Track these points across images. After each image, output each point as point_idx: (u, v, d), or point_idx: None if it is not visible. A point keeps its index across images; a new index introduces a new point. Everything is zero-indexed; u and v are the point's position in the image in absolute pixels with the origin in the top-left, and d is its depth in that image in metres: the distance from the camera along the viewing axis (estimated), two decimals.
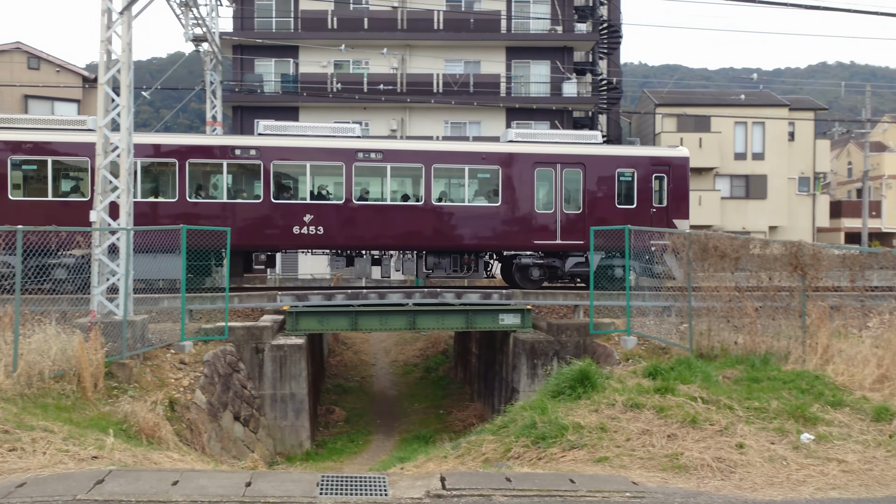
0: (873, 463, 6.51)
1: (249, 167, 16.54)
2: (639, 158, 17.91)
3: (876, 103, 68.55)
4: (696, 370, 9.03)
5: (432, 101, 29.42)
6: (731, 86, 61.28)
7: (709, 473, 6.34)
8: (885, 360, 8.61)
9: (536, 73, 31.52)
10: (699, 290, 11.47)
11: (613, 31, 33.51)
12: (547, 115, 30.90)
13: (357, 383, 20.90)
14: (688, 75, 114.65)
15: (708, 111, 37.60)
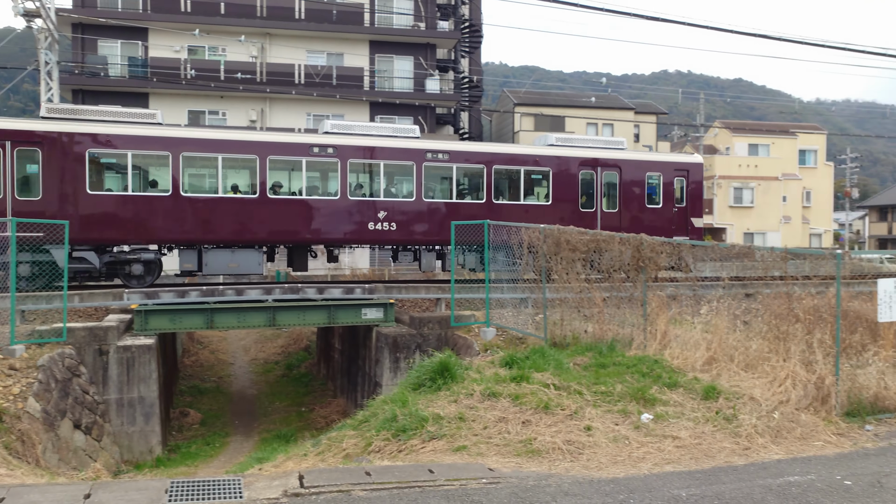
0: (702, 438, 7.13)
1: (327, 164, 16.97)
2: (664, 163, 19.72)
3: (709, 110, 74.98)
4: (549, 358, 9.46)
5: (293, 93, 28.74)
6: (584, 88, 64.71)
7: (559, 456, 6.67)
8: (714, 344, 9.44)
9: (400, 68, 31.63)
10: (553, 283, 12.03)
11: (475, 31, 34.30)
12: (410, 111, 31.11)
13: (214, 384, 20.04)
14: (545, 77, 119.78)
15: (563, 112, 39.49)
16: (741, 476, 6.11)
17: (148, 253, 15.80)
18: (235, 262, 16.22)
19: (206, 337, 24.37)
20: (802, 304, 9.34)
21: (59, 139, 14.85)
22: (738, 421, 7.43)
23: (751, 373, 8.81)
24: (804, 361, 8.43)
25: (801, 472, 6.19)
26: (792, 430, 7.34)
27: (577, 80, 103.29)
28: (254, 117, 29.01)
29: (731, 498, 5.55)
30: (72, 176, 14.87)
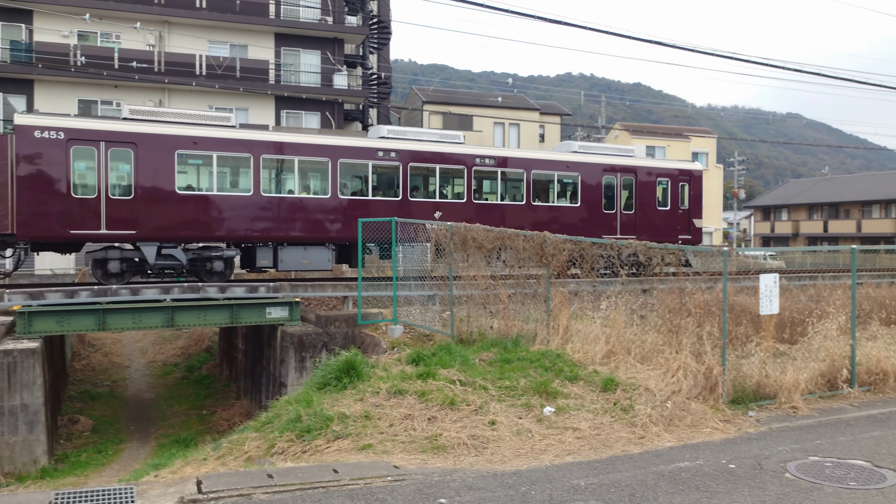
0: (601, 428, 7.39)
1: (390, 168, 18.03)
2: (671, 170, 21.95)
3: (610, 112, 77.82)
4: (455, 355, 9.55)
5: (194, 84, 27.65)
6: (491, 88, 65.71)
7: (465, 451, 6.74)
8: (612, 338, 9.81)
9: (307, 62, 31.05)
10: (460, 280, 12.15)
11: (383, 27, 34.14)
12: (317, 106, 30.61)
13: (107, 388, 19.03)
14: (453, 76, 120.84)
15: (471, 111, 39.93)
16: (636, 464, 6.37)
17: (229, 250, 16.41)
18: (308, 258, 17.10)
19: (99, 339, 23.10)
20: (693, 298, 9.83)
21: (151, 140, 15.41)
22: (634, 411, 7.73)
23: (646, 365, 9.20)
24: (695, 353, 8.89)
25: (690, 458, 6.52)
26: (683, 419, 7.71)
27: (484, 80, 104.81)
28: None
29: (627, 485, 5.78)
30: (164, 177, 15.48)
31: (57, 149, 14.59)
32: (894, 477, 6.02)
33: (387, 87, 35.29)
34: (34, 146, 14.42)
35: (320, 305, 17.65)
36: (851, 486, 5.76)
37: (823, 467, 6.26)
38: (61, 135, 14.66)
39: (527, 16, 16.77)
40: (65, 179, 14.65)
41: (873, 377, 9.64)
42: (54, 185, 14.54)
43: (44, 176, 14.50)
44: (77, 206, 14.71)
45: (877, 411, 8.51)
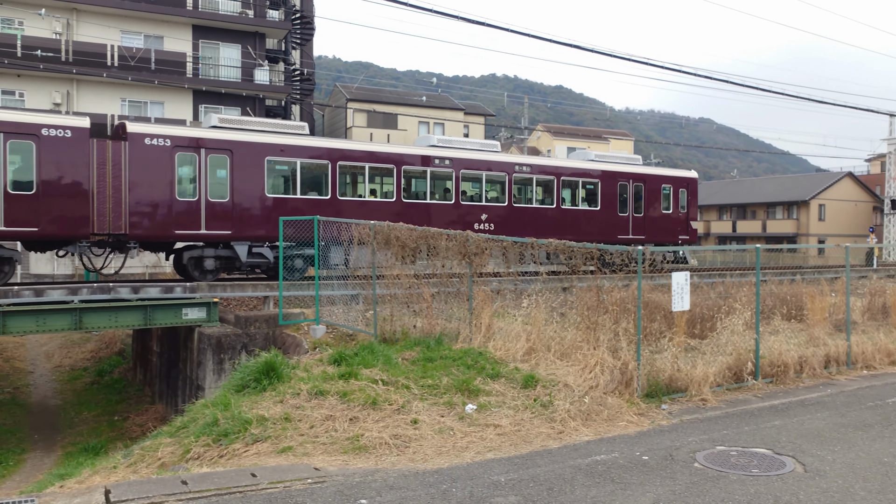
0: (521, 424, 7.51)
1: (444, 174, 19.87)
2: (673, 178, 24.64)
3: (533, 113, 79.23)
4: (378, 354, 9.50)
5: (105, 76, 26.45)
6: (416, 87, 65.72)
7: (387, 451, 6.71)
8: (533, 335, 9.98)
9: (227, 56, 30.23)
10: (383, 279, 12.10)
11: (306, 23, 33.61)
12: (238, 101, 29.86)
13: (9, 395, 17.97)
14: (379, 74, 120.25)
15: (396, 109, 39.84)
16: (555, 458, 6.51)
17: (309, 248, 16.60)
18: None
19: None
20: (611, 296, 10.13)
21: (245, 147, 16.68)
22: (553, 407, 7.90)
23: (566, 361, 9.40)
24: (611, 349, 9.15)
25: (606, 451, 6.71)
26: (600, 413, 7.93)
27: (410, 79, 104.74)
28: (58, 100, 26.35)
29: (546, 479, 5.90)
30: (255, 181, 16.72)
31: (164, 155, 15.76)
32: (793, 463, 6.38)
33: (310, 84, 34.77)
34: (144, 152, 15.52)
35: (240, 306, 17.23)
36: (754, 474, 6.07)
37: (729, 456, 6.57)
38: (168, 142, 15.84)
39: (450, 16, 16.88)
40: (170, 183, 15.81)
41: (775, 369, 10.19)
42: (161, 188, 15.70)
43: (152, 180, 15.61)
44: (181, 207, 15.92)
45: (778, 401, 9.00)
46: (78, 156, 14.76)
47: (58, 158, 14.61)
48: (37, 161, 14.42)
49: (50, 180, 14.52)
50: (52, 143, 14.56)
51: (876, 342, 11.97)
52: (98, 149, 15.12)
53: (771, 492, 5.64)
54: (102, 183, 15.10)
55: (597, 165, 22.91)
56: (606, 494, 5.56)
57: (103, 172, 15.14)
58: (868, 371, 11.23)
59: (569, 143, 46.06)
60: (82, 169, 14.81)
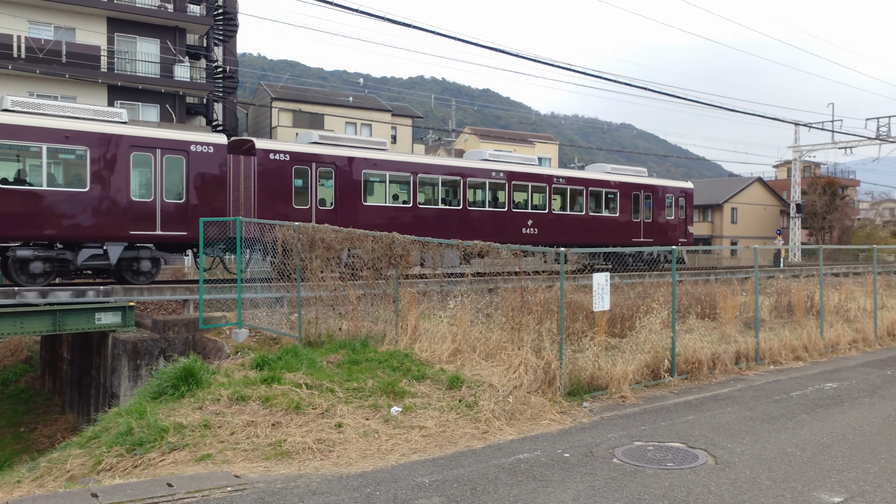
0: (447, 425, 7.55)
1: (498, 185, 22.38)
2: (675, 188, 28.27)
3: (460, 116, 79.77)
4: (302, 358, 9.35)
5: (10, 68, 25.04)
6: (344, 88, 65.08)
7: (310, 456, 6.61)
8: (458, 337, 10.05)
9: (144, 50, 29.12)
10: (308, 281, 11.91)
11: (229, 19, 32.76)
12: (156, 98, 28.82)
13: None
14: (305, 73, 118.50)
15: (322, 109, 39.35)
16: (479, 458, 6.56)
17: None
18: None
19: None
20: (535, 297, 10.30)
21: (346, 162, 19.02)
22: (478, 407, 7.97)
23: (491, 361, 9.51)
24: (535, 349, 9.31)
25: (529, 450, 6.82)
26: (524, 412, 8.06)
27: (337, 79, 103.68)
28: None
29: (469, 479, 5.94)
30: (354, 191, 19.09)
31: (284, 168, 17.89)
32: (705, 456, 6.66)
33: (233, 82, 33.90)
34: (268, 165, 17.65)
35: (159, 310, 16.62)
36: (669, 467, 6.30)
37: (646, 451, 6.79)
38: (287, 157, 17.99)
39: (377, 17, 16.79)
40: (289, 192, 17.98)
41: (690, 366, 10.61)
42: (282, 196, 17.85)
43: (275, 189, 17.73)
44: (296, 214, 17.69)
45: (692, 397, 9.37)
46: (218, 169, 16.79)
47: (203, 171, 16.53)
48: (186, 173, 16.28)
49: (197, 190, 16.35)
50: (198, 158, 16.47)
51: (782, 339, 12.63)
52: (233, 162, 17.21)
53: (684, 484, 5.86)
54: (237, 192, 17.27)
55: (616, 177, 26.13)
56: (529, 492, 5.65)
57: (237, 183, 17.31)
58: (775, 366, 11.83)
59: (495, 145, 46.58)
60: (222, 180, 16.84)
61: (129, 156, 15.45)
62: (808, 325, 13.60)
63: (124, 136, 15.50)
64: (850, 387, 10.11)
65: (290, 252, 11.95)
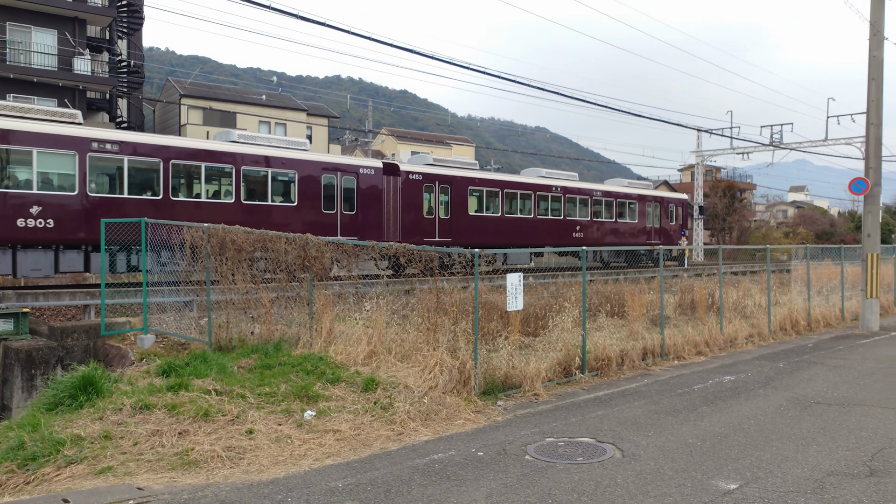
0: (361, 428, 7.49)
1: (556, 198, 28.31)
2: (674, 199, 35.42)
3: (378, 117, 79.43)
4: (212, 363, 9.06)
5: None
6: (258, 86, 63.52)
7: (219, 464, 6.41)
8: (374, 338, 9.99)
9: (40, 41, 27.52)
10: (219, 284, 11.56)
11: (134, 11, 31.40)
12: (54, 92, 27.28)
13: None
14: (217, 70, 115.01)
15: (234, 108, 38.27)
16: (394, 460, 6.55)
17: None
18: (517, 257, 26.49)
19: None
20: (451, 297, 10.37)
21: (459, 181, 24.53)
22: (393, 409, 7.95)
23: (406, 363, 9.50)
24: (450, 349, 9.37)
25: (444, 450, 6.86)
26: (439, 412, 8.10)
27: (250, 77, 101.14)
28: None
29: (384, 482, 5.92)
30: (463, 203, 24.65)
31: (418, 186, 23.26)
32: (612, 450, 6.89)
33: (139, 77, 32.50)
34: (407, 185, 22.91)
35: (56, 316, 15.73)
36: (579, 462, 6.48)
37: (557, 447, 6.96)
38: (420, 177, 23.33)
39: (290, 14, 16.48)
40: (421, 206, 23.33)
41: (600, 363, 10.94)
42: (417, 210, 23.17)
43: (412, 204, 23.04)
44: (426, 223, 23.42)
45: (602, 393, 9.67)
46: (377, 187, 21.99)
47: (367, 189, 21.69)
48: (357, 191, 21.42)
49: (363, 204, 21.59)
50: (365, 178, 21.76)
51: (685, 335, 13.21)
52: (386, 182, 22.32)
53: (593, 478, 6.04)
54: (388, 206, 22.32)
55: (634, 191, 32.97)
56: (442, 492, 5.68)
57: (388, 199, 22.35)
58: (679, 361, 12.37)
59: (413, 146, 46.64)
60: (378, 196, 21.99)
61: (321, 177, 20.77)
62: (709, 322, 14.29)
63: (320, 162, 21.04)
64: (747, 379, 10.70)
65: (200, 254, 11.56)
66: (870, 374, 11.17)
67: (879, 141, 17.29)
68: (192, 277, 12.19)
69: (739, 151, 46.18)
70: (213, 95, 38.52)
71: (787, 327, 16.18)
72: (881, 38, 17.01)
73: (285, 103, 41.66)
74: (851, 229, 68.20)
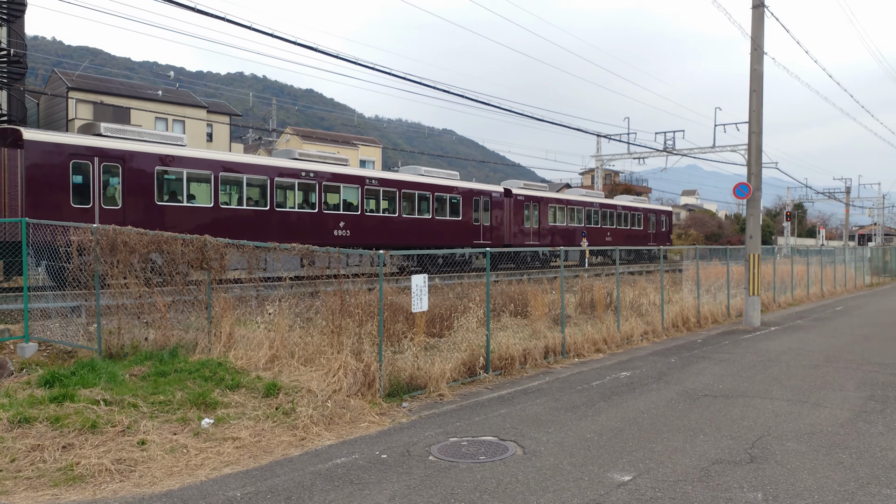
0: (262, 435, 7.29)
1: (578, 210, 37.32)
2: (664, 211, 45.43)
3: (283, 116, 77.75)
4: (101, 372, 8.59)
5: None
6: (154, 80, 60.75)
7: (108, 478, 6.08)
8: (276, 342, 9.76)
9: None
10: (110, 288, 10.97)
11: None
12: None
13: None
14: (110, 62, 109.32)
15: (128, 103, 36.47)
16: (296, 466, 6.41)
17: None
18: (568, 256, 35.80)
19: None
20: (356, 299, 10.28)
21: (538, 200, 33.52)
22: (296, 414, 7.79)
23: (310, 366, 9.34)
24: (355, 352, 9.29)
25: (347, 454, 6.78)
26: (343, 416, 8.00)
27: (146, 71, 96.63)
28: None
29: (284, 489, 5.79)
30: (537, 214, 33.23)
31: (518, 203, 32.02)
32: (514, 447, 7.02)
33: (21, 67, 30.34)
34: (514, 204, 31.76)
35: None
36: (481, 460, 6.56)
37: (460, 446, 7.03)
38: (521, 197, 32.30)
39: (186, 7, 15.85)
40: (522, 219, 32.30)
41: (504, 362, 11.14)
42: (521, 222, 32.12)
43: (517, 216, 31.88)
44: (517, 230, 32.04)
45: (505, 391, 9.84)
46: (502, 207, 30.78)
47: (497, 207, 30.39)
48: (489, 209, 29.94)
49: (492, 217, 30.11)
50: (495, 201, 30.42)
51: (585, 333, 13.66)
52: (507, 203, 31.29)
53: (495, 476, 6.14)
54: (507, 219, 31.19)
55: (640, 204, 42.55)
56: (344, 497, 5.62)
57: (502, 214, 30.78)
58: (579, 359, 12.77)
59: (318, 146, 45.93)
60: (501, 212, 30.67)
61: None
62: (607, 320, 14.84)
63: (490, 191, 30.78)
64: (641, 374, 11.18)
65: (88, 257, 10.93)
66: (751, 367, 11.92)
67: (760, 149, 18.51)
68: (81, 281, 11.52)
69: (636, 156, 48.25)
70: (105, 89, 36.53)
71: (679, 324, 17.03)
72: (761, 52, 18.21)
73: (184, 100, 40.04)
74: (737, 231, 72.73)
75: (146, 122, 35.69)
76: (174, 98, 39.28)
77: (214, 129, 39.96)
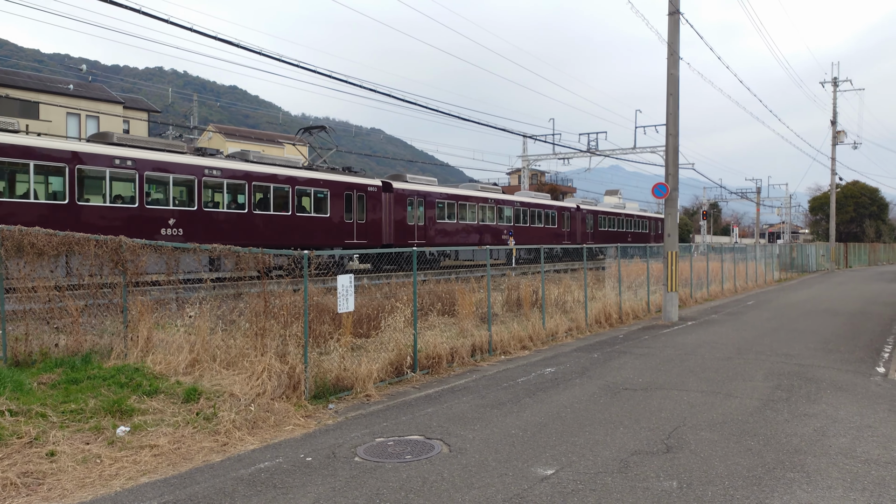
0: (182, 441, 7.07)
1: (592, 217, 46.87)
2: (656, 217, 54.94)
3: (205, 113, 75.53)
4: (6, 380, 8.13)
5: None
6: (66, 74, 57.93)
7: (13, 492, 5.77)
8: (197, 346, 9.49)
9: None
10: (16, 292, 10.40)
11: None
12: None
13: None
14: (16, 54, 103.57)
15: (37, 97, 34.69)
16: (217, 473, 6.25)
17: None
18: None
19: None
20: (281, 300, 10.09)
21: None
22: (218, 419, 7.59)
23: (232, 370, 9.12)
24: (279, 354, 9.13)
25: (271, 458, 6.66)
26: (267, 420, 7.85)
27: (57, 64, 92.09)
28: None
29: (205, 496, 5.63)
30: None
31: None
32: (440, 445, 7.06)
33: None
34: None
35: None
36: (407, 460, 6.57)
37: (386, 446, 7.01)
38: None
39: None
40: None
41: (431, 361, 11.18)
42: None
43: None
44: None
45: (433, 390, 9.88)
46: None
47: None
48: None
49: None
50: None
51: (511, 331, 13.87)
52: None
53: (420, 474, 6.16)
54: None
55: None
56: (267, 502, 5.51)
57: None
58: (505, 356, 12.95)
59: (242, 144, 44.86)
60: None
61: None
62: (533, 317, 15.10)
63: None
64: (565, 370, 11.44)
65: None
66: (669, 361, 12.38)
67: (677, 150, 19.23)
68: None
69: (561, 157, 49.28)
70: (10, 82, 34.58)
71: (602, 320, 17.51)
72: (677, 57, 18.93)
73: (98, 94, 38.34)
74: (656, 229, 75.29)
75: (57, 117, 34.01)
76: (87, 93, 37.56)
77: (132, 126, 38.43)
